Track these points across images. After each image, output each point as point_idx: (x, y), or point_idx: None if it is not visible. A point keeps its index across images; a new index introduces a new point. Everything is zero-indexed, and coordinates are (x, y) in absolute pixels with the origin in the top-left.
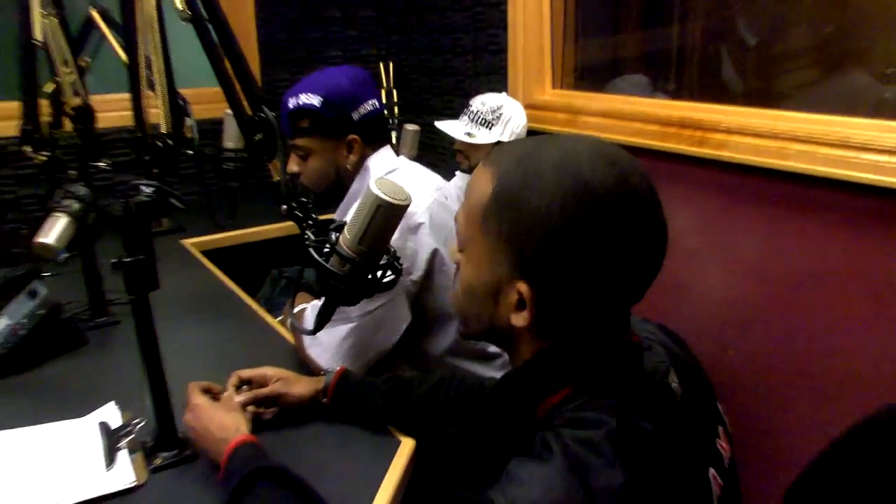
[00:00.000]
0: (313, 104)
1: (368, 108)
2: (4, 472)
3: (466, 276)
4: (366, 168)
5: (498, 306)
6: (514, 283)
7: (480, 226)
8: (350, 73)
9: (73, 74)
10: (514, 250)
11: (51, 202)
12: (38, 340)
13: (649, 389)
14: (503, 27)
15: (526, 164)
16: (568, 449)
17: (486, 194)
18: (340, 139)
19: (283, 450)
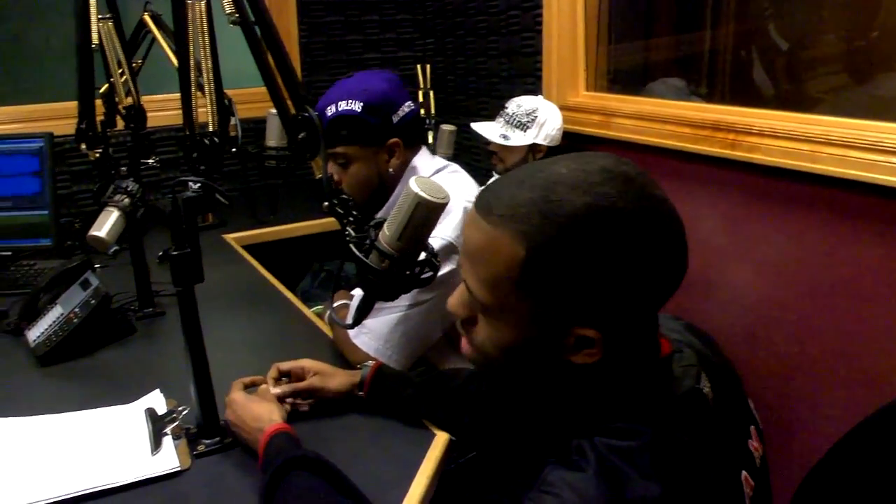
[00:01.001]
0: (354, 110)
1: (406, 110)
2: (57, 452)
3: (499, 336)
4: (412, 168)
5: (549, 354)
6: (572, 331)
7: (515, 290)
8: (384, 77)
9: (126, 75)
10: (564, 303)
11: (103, 197)
12: (89, 329)
13: (681, 398)
14: (538, 30)
15: (552, 215)
16: (604, 458)
17: (517, 258)
18: (382, 144)
19: (319, 440)
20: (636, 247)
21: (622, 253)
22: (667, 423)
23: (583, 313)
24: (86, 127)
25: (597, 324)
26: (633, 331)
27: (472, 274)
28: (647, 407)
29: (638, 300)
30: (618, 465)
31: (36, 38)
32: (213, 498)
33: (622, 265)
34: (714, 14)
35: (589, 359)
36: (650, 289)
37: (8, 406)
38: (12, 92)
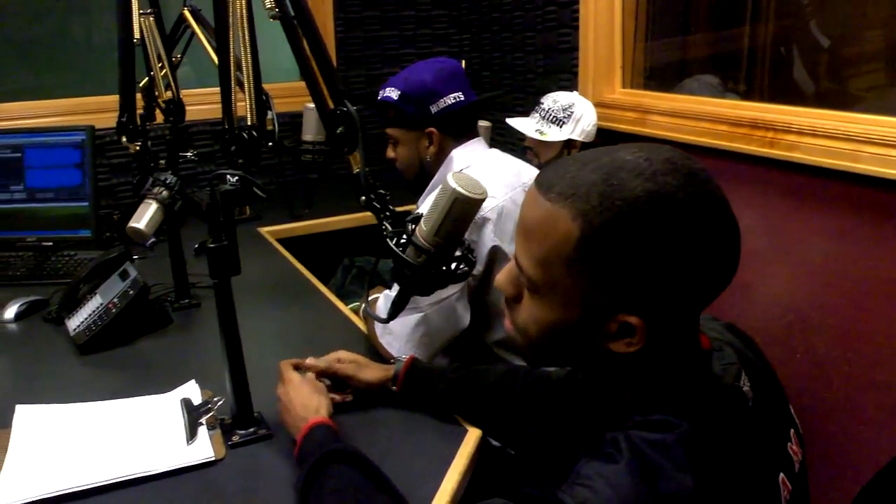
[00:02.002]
0: (392, 97)
1: (449, 101)
2: (95, 439)
3: (544, 315)
4: (450, 159)
5: (591, 338)
6: (616, 316)
7: (566, 268)
8: (436, 67)
9: (166, 70)
10: (613, 287)
11: (142, 190)
12: (128, 319)
13: (720, 393)
14: (574, 26)
15: (612, 197)
16: (638, 451)
17: (572, 236)
18: (420, 131)
19: (353, 433)
20: (691, 239)
21: (676, 243)
22: (704, 418)
23: (629, 299)
24: (126, 120)
25: (641, 312)
26: (676, 324)
27: (525, 250)
28: (684, 401)
29: (685, 293)
30: (652, 458)
31: (78, 33)
32: (246, 488)
33: (675, 256)
34: (754, 10)
35: (628, 348)
36: (699, 283)
37: (48, 393)
38: (55, 85)
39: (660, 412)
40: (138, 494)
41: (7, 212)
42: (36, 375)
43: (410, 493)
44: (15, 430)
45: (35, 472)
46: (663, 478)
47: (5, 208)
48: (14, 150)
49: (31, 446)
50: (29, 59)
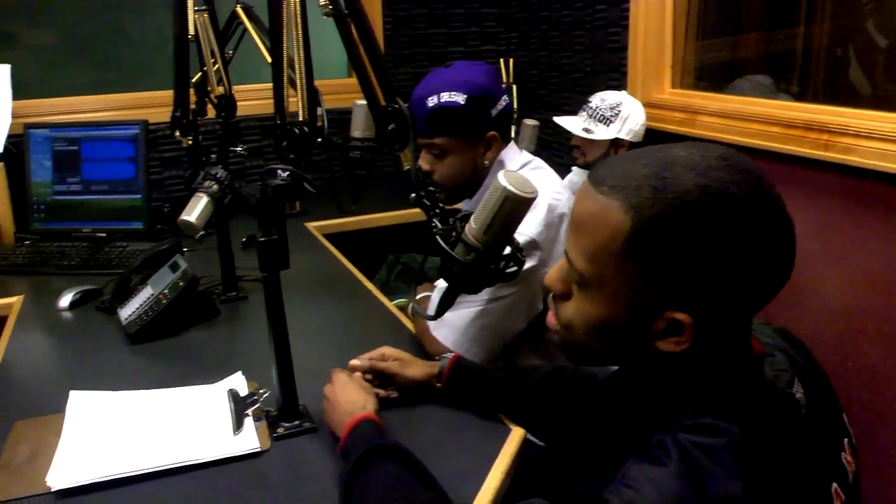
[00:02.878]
0: (457, 102)
1: (503, 103)
2: (145, 427)
3: (591, 311)
4: (500, 163)
5: (638, 336)
6: (665, 313)
7: (616, 261)
8: (484, 69)
9: (219, 65)
10: (662, 282)
11: (194, 183)
12: (177, 310)
13: (772, 399)
14: (624, 25)
15: (664, 190)
16: (687, 454)
17: (623, 229)
18: (481, 137)
19: (397, 429)
20: (744, 235)
21: (728, 240)
22: (755, 423)
23: (678, 296)
24: (180, 115)
25: (691, 310)
26: (726, 325)
27: (576, 244)
28: (734, 405)
29: (737, 293)
30: (701, 462)
31: (133, 30)
32: (290, 480)
33: (727, 253)
34: (809, 9)
35: (676, 347)
36: (751, 284)
37: (100, 380)
38: (110, 80)
39: (709, 416)
40: (185, 482)
41: (64, 203)
42: (89, 362)
43: (453, 491)
44: (68, 415)
45: (86, 456)
46: (712, 483)
47: (62, 200)
48: (71, 143)
49: (83, 431)
50: (85, 55)
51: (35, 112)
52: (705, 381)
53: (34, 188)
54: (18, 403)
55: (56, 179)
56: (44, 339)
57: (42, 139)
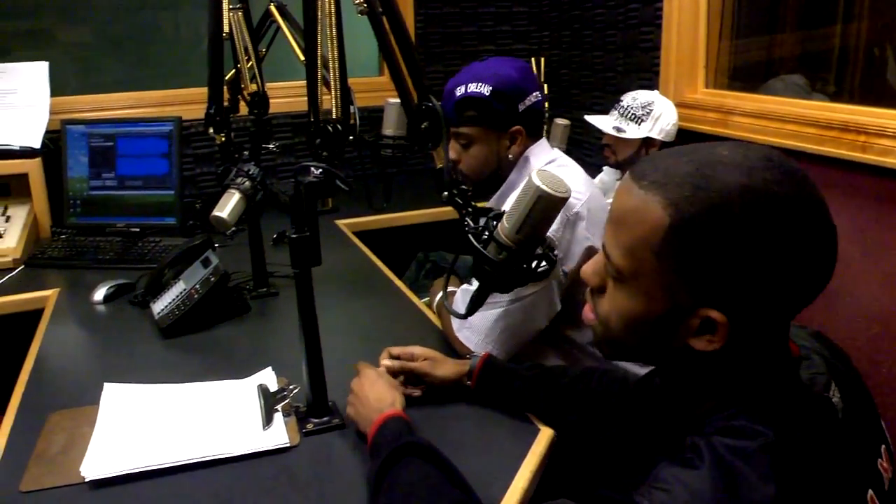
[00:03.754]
0: (483, 93)
1: (533, 100)
2: (176, 420)
3: (627, 306)
4: (525, 159)
5: (672, 333)
6: (699, 311)
7: (653, 257)
8: (517, 65)
9: (252, 63)
10: (699, 279)
11: (226, 180)
12: (208, 305)
13: (808, 403)
14: (657, 24)
15: (705, 188)
16: (720, 457)
17: (662, 225)
18: (505, 130)
19: (425, 427)
20: (784, 238)
21: (769, 241)
22: (790, 426)
23: (714, 295)
24: (214, 112)
25: (726, 309)
26: (763, 327)
27: (614, 238)
28: (769, 407)
29: (775, 295)
30: (734, 465)
31: (167, 28)
32: (319, 475)
33: (766, 253)
34: (846, 9)
35: (710, 346)
36: (789, 285)
37: (133, 372)
38: (144, 78)
39: (743, 418)
40: (215, 475)
41: (99, 198)
42: (122, 355)
43: (481, 490)
44: (102, 407)
45: (119, 447)
46: (745, 486)
47: (97, 195)
48: (107, 139)
49: (116, 423)
50: (121, 52)
51: (72, 108)
52: (740, 383)
53: (70, 183)
54: (53, 395)
55: (92, 175)
56: (78, 331)
57: (79, 135)
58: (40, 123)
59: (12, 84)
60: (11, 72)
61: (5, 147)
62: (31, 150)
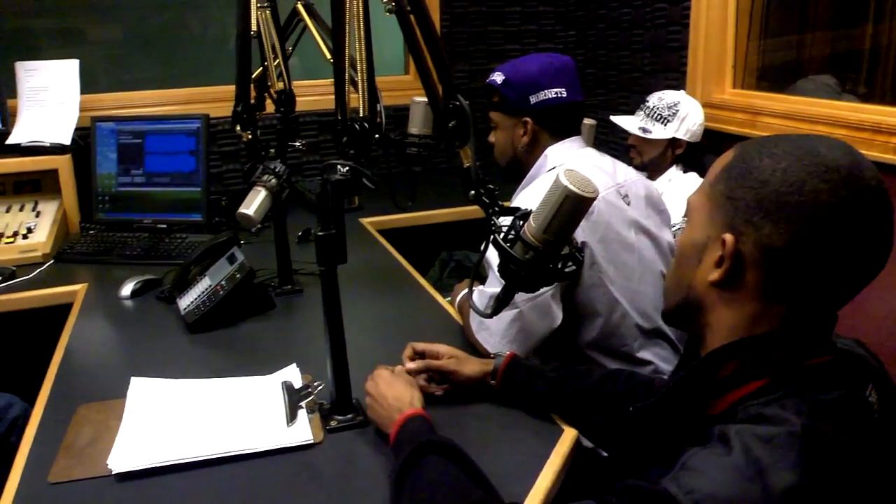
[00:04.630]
0: (496, 81)
1: (550, 95)
2: (201, 415)
3: (680, 240)
4: (545, 156)
5: (699, 267)
6: (721, 236)
7: (708, 189)
8: (544, 61)
9: (280, 61)
10: (732, 205)
11: (252, 177)
12: (234, 301)
13: (843, 399)
14: (685, 24)
15: (766, 139)
16: (748, 445)
17: (721, 164)
18: (517, 118)
19: (449, 426)
20: (828, 185)
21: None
22: (821, 418)
23: (739, 219)
24: (241, 109)
25: (743, 235)
26: (808, 313)
27: None
28: (801, 397)
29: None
30: (761, 453)
31: (195, 26)
32: (342, 472)
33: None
34: (877, 8)
35: (717, 275)
36: (826, 239)
37: (159, 367)
38: (172, 75)
39: (775, 406)
40: (239, 470)
41: (127, 194)
42: (148, 350)
43: (503, 490)
44: (129, 401)
45: (145, 441)
46: (771, 474)
47: (126, 191)
48: (136, 136)
49: (143, 417)
50: (149, 50)
51: (102, 106)
52: (777, 369)
53: (99, 179)
54: (82, 388)
55: (120, 171)
56: (106, 326)
57: (108, 132)
58: (70, 120)
59: (43, 82)
60: (43, 70)
61: (36, 144)
62: (61, 146)
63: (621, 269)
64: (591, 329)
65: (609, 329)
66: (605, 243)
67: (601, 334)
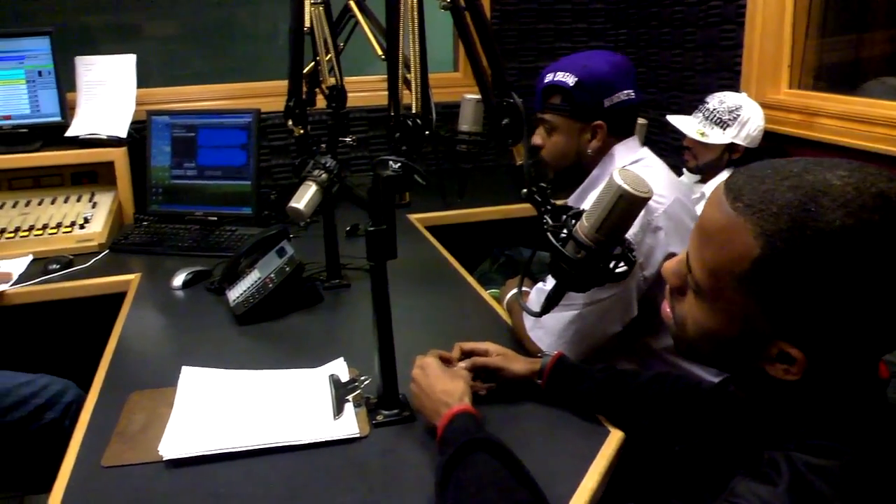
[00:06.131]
0: (567, 83)
1: (622, 97)
2: (250, 406)
3: (703, 319)
4: (610, 156)
5: (747, 355)
6: (777, 343)
7: (736, 284)
8: (613, 60)
9: (332, 56)
10: (781, 314)
11: (303, 172)
12: (283, 294)
13: (893, 425)
14: (739, 22)
15: (802, 225)
16: (799, 475)
17: (750, 255)
18: (586, 123)
19: (494, 424)
20: (880, 284)
21: (862, 287)
22: (873, 447)
23: (795, 330)
24: (294, 105)
25: (806, 346)
26: (847, 364)
27: (698, 253)
28: (851, 427)
29: (861, 337)
30: (812, 484)
31: (246, 22)
32: (388, 467)
33: (857, 298)
34: None
35: (786, 375)
36: (881, 330)
37: (209, 357)
38: (224, 70)
39: (824, 436)
40: (285, 461)
41: (180, 187)
42: (198, 340)
43: (548, 490)
44: (180, 389)
45: (195, 429)
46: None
47: (178, 184)
48: (189, 130)
49: (192, 405)
50: (202, 46)
51: (156, 100)
52: (823, 404)
53: (153, 172)
54: (134, 375)
55: (174, 164)
56: (158, 315)
57: (162, 126)
58: (127, 114)
59: (101, 76)
60: (101, 64)
61: (94, 136)
62: (117, 139)
63: None
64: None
65: None
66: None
67: None
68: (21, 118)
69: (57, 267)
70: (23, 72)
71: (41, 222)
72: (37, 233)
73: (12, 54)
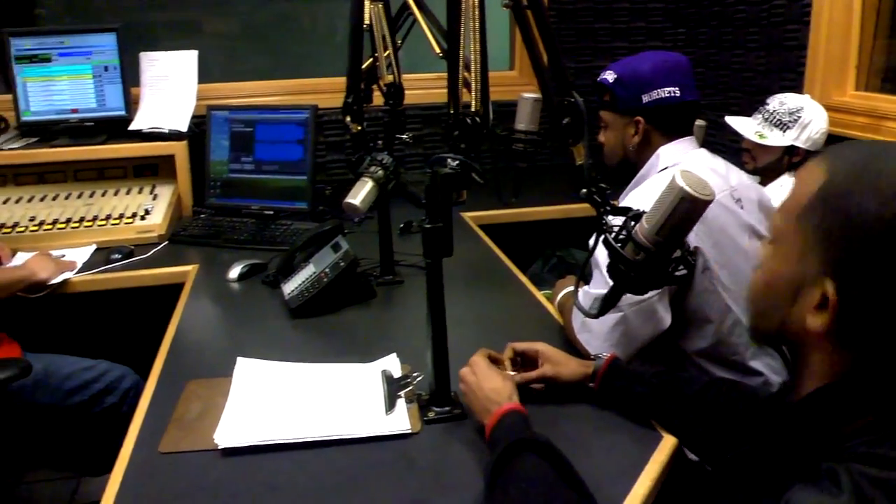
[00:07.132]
0: (607, 80)
1: (663, 94)
2: (303, 398)
3: (770, 268)
4: (657, 156)
5: (795, 304)
6: (820, 281)
7: (798, 219)
8: (659, 59)
9: (390, 53)
10: (828, 248)
11: (360, 168)
12: (337, 288)
13: None
14: (805, 22)
15: (864, 165)
16: (861, 489)
17: (812, 189)
18: (628, 117)
19: (545, 425)
20: None
21: None
22: None
23: (838, 267)
24: (352, 101)
25: (844, 284)
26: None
27: (782, 202)
28: None
29: None
30: (875, 499)
31: (304, 19)
32: (438, 464)
33: None
34: None
35: (819, 324)
36: None
37: (263, 349)
38: (281, 67)
39: (889, 446)
40: (337, 455)
41: (237, 181)
42: (253, 332)
43: (598, 494)
44: (235, 380)
45: (249, 419)
46: None
47: (236, 178)
48: (247, 125)
49: (247, 396)
50: (261, 43)
51: (216, 95)
52: (878, 415)
53: (212, 165)
54: (191, 364)
55: (232, 158)
56: (214, 307)
57: (222, 120)
58: (188, 108)
59: (164, 71)
60: (164, 60)
61: (156, 130)
62: (178, 133)
63: (735, 275)
64: (701, 336)
65: (720, 337)
66: (718, 248)
67: (712, 342)
68: (87, 112)
69: (118, 256)
70: (90, 67)
71: (104, 213)
72: (100, 223)
73: (80, 50)
